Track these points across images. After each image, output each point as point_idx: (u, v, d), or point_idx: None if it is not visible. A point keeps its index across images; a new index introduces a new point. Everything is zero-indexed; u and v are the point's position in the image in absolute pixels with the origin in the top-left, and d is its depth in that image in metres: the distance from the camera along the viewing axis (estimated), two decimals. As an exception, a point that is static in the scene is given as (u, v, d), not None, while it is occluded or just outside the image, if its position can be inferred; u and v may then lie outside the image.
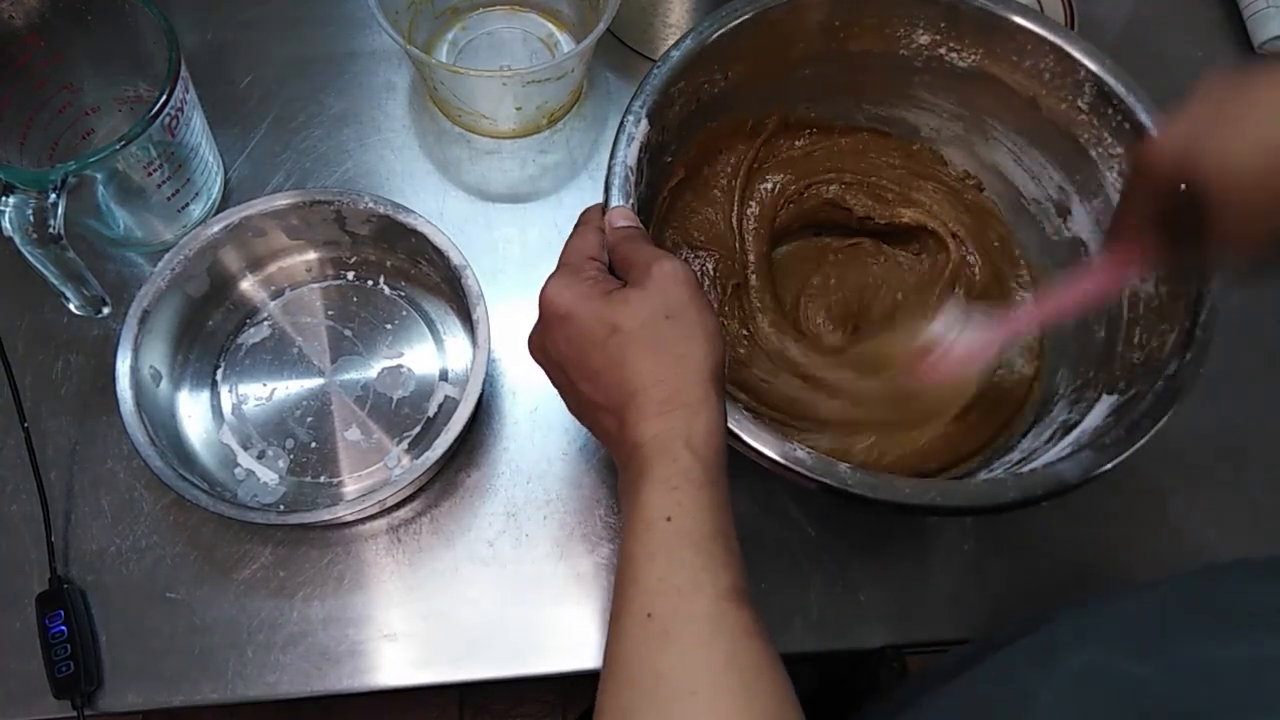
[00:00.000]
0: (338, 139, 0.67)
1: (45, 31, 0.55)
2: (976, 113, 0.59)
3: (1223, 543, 0.58)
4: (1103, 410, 0.49)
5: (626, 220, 0.45)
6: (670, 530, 0.35)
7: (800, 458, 0.43)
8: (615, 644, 0.35)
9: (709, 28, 0.52)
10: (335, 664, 0.53)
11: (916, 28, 0.56)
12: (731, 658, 0.33)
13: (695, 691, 0.32)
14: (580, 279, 0.41)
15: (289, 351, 0.59)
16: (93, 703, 0.52)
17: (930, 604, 0.56)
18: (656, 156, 0.53)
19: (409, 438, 0.58)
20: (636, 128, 0.50)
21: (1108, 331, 0.53)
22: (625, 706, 0.33)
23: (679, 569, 0.35)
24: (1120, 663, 0.32)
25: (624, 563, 0.36)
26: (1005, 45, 0.54)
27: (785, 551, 0.56)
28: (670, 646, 0.33)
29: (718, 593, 0.34)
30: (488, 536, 0.56)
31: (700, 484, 0.36)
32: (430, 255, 0.57)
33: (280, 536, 0.56)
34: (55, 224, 0.49)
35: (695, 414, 0.37)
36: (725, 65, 0.55)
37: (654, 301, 0.39)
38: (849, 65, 0.58)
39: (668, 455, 0.36)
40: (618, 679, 0.34)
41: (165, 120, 0.53)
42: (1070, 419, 0.50)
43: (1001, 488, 0.44)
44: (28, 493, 0.55)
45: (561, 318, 0.40)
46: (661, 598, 0.34)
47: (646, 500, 0.36)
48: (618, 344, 0.38)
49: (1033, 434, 0.53)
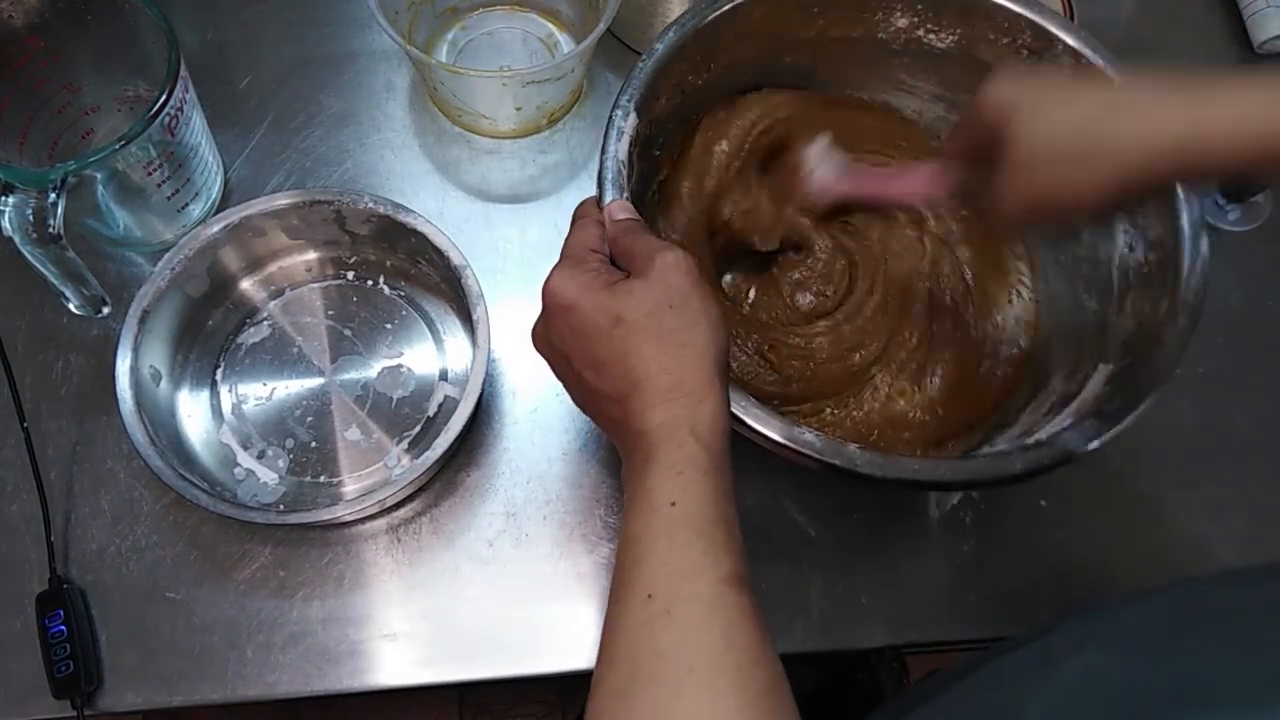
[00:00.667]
0: (338, 139, 0.67)
1: (45, 31, 0.55)
2: (956, 93, 0.59)
3: (1222, 543, 0.58)
4: (1100, 380, 0.49)
5: (625, 213, 0.46)
6: (674, 514, 0.35)
7: (808, 440, 0.43)
8: (615, 622, 0.35)
9: (690, 19, 0.53)
10: (335, 664, 0.53)
11: (894, 11, 0.56)
12: (729, 640, 0.33)
13: (693, 670, 0.32)
14: (583, 270, 0.41)
15: (289, 351, 0.59)
16: (92, 703, 0.52)
17: (930, 604, 0.56)
18: (646, 149, 0.53)
19: (409, 438, 0.58)
20: (625, 121, 0.50)
21: (1098, 303, 0.53)
22: (623, 682, 0.33)
23: (681, 552, 0.35)
24: (1116, 667, 0.32)
25: (626, 544, 0.36)
26: (983, 23, 0.55)
27: (786, 552, 0.56)
28: (671, 626, 0.33)
29: (719, 577, 0.34)
30: (488, 536, 0.56)
31: (705, 470, 0.36)
32: (430, 255, 0.57)
33: (280, 536, 0.56)
34: (55, 224, 0.49)
35: (700, 401, 0.37)
36: (709, 56, 0.55)
37: (657, 291, 0.39)
38: (829, 52, 0.59)
39: (673, 442, 0.37)
40: (616, 656, 0.34)
41: (165, 120, 0.53)
42: (1069, 390, 0.51)
43: (1008, 461, 0.44)
44: (28, 493, 0.55)
45: (565, 309, 0.40)
46: (663, 579, 0.34)
47: (651, 485, 0.36)
48: (622, 334, 0.38)
49: (1031, 408, 0.53)
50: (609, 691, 0.34)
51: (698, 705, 0.32)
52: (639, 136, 0.51)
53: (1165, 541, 0.58)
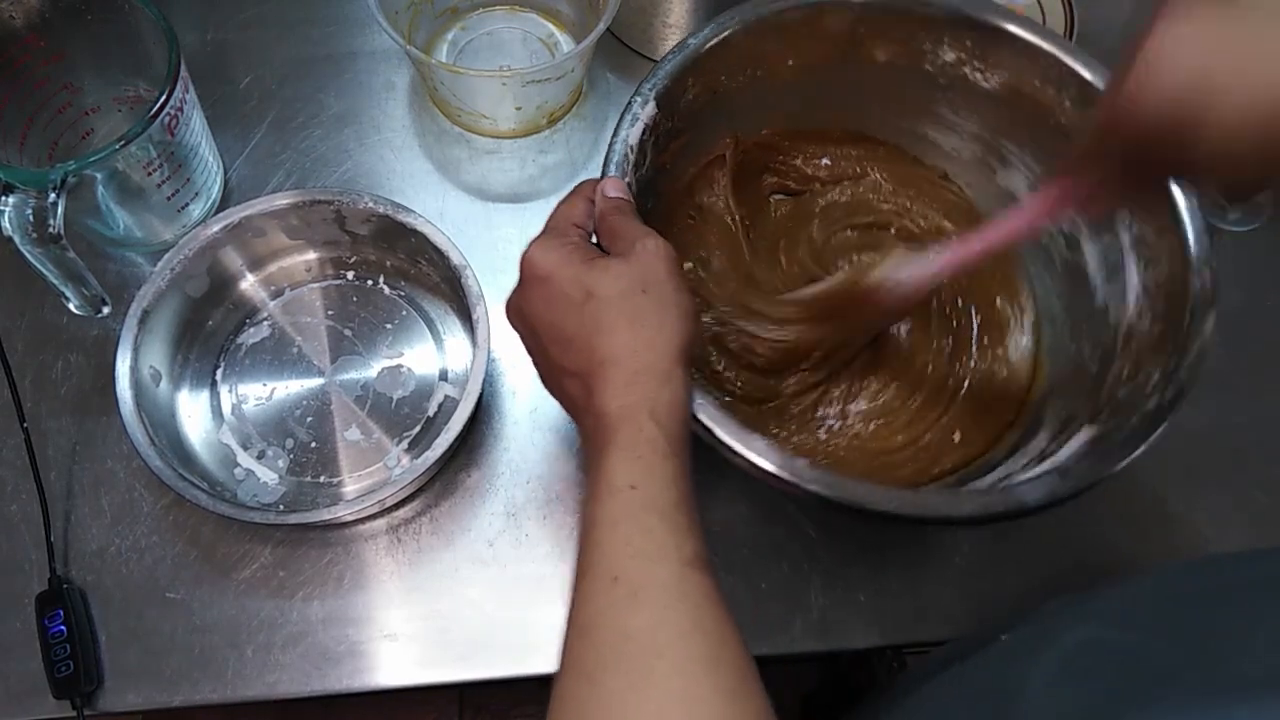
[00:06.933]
0: (338, 139, 0.67)
1: (45, 31, 0.55)
2: (997, 136, 0.58)
3: (1223, 543, 0.58)
4: (1081, 440, 0.48)
5: (618, 192, 0.46)
6: (635, 498, 0.36)
7: (762, 448, 0.43)
8: (580, 606, 0.35)
9: (729, 21, 0.52)
10: (335, 664, 0.53)
11: (941, 44, 0.55)
12: (697, 622, 0.34)
13: (663, 653, 0.32)
14: (563, 243, 0.41)
15: (289, 351, 0.59)
16: (92, 703, 0.52)
17: (930, 604, 0.56)
18: (665, 142, 0.53)
19: (409, 438, 0.58)
20: (643, 109, 0.50)
21: (1101, 365, 0.52)
22: (591, 665, 0.33)
23: (644, 535, 0.35)
24: (1111, 634, 0.32)
25: (587, 528, 0.37)
26: (1030, 69, 0.53)
27: (786, 552, 0.56)
28: (638, 609, 0.34)
29: (682, 559, 0.35)
30: (488, 536, 0.56)
31: (665, 455, 0.37)
32: (430, 255, 0.57)
33: (280, 536, 0.56)
34: (55, 224, 0.49)
35: (661, 387, 0.38)
36: (746, 62, 0.55)
37: (634, 273, 0.40)
38: (873, 76, 0.57)
39: (633, 425, 0.37)
40: (583, 639, 0.34)
41: (165, 120, 0.53)
42: (1049, 449, 0.49)
43: (958, 501, 0.43)
44: (28, 493, 0.55)
45: (541, 279, 0.41)
46: (628, 561, 0.35)
47: (611, 468, 0.36)
48: (593, 310, 0.39)
49: (1010, 461, 0.52)
50: (577, 674, 0.34)
51: (669, 687, 0.32)
52: (657, 126, 0.50)
53: (1166, 541, 0.58)
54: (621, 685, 0.32)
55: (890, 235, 0.61)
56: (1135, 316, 0.50)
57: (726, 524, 0.57)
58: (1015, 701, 0.32)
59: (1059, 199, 0.43)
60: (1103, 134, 0.38)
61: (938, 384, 0.56)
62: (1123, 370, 0.49)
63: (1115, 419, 0.47)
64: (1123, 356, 0.50)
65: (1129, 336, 0.50)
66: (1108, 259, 0.53)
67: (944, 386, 0.56)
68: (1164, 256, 0.49)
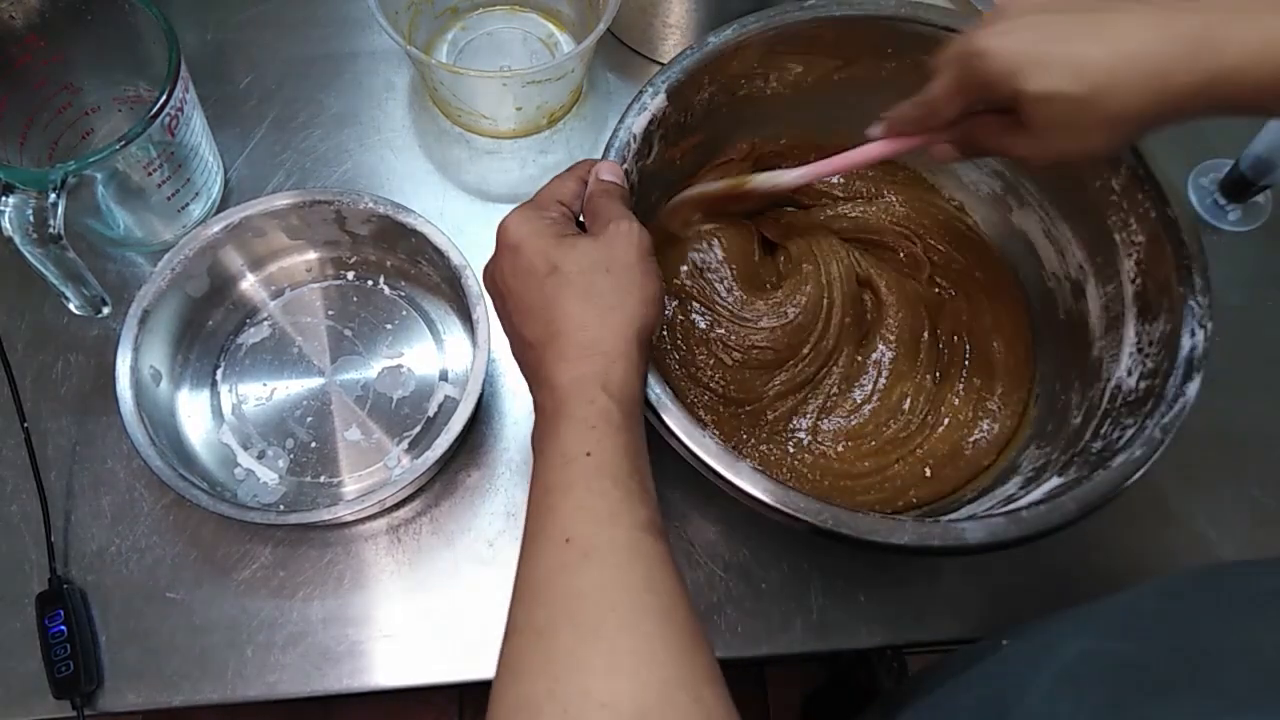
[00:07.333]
0: (338, 139, 0.67)
1: (45, 31, 0.55)
2: (1017, 174, 0.58)
3: (1223, 543, 0.58)
4: (1043, 490, 0.47)
5: (611, 175, 0.46)
6: (590, 464, 0.36)
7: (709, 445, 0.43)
8: (529, 566, 0.35)
9: (752, 24, 0.52)
10: (335, 664, 0.53)
11: None
12: (649, 582, 0.34)
13: (615, 608, 0.33)
14: (540, 216, 0.42)
15: (289, 351, 0.59)
16: (92, 703, 0.52)
17: (930, 604, 0.56)
18: (676, 138, 0.53)
19: (409, 438, 0.58)
20: (652, 99, 0.50)
21: (1084, 418, 0.51)
22: (541, 623, 0.33)
23: (598, 499, 0.35)
24: (1111, 644, 0.32)
25: (539, 494, 0.37)
26: None
27: (786, 552, 0.56)
28: (589, 568, 0.34)
29: (635, 523, 0.35)
30: (488, 536, 0.56)
31: (618, 426, 0.37)
32: (430, 255, 0.57)
33: (280, 536, 0.56)
34: (55, 224, 0.49)
35: (613, 362, 0.38)
36: (765, 68, 0.54)
37: (600, 253, 0.40)
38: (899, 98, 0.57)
39: (584, 397, 0.37)
40: (533, 598, 0.34)
41: (165, 120, 0.53)
42: (1015, 495, 0.49)
43: (898, 528, 0.42)
44: (28, 493, 0.55)
45: (512, 249, 0.41)
46: (581, 524, 0.35)
47: (566, 437, 0.37)
48: (554, 284, 0.40)
49: (976, 503, 0.52)
50: (528, 631, 0.34)
51: (620, 641, 0.32)
52: (666, 119, 0.50)
53: (1166, 542, 0.58)
54: (572, 640, 0.32)
55: (899, 258, 0.61)
56: (1125, 372, 0.50)
57: (726, 524, 0.57)
58: (1016, 711, 0.32)
59: (907, 140, 0.47)
60: (948, 67, 0.42)
61: (917, 416, 0.56)
62: (1103, 425, 0.49)
63: (1080, 472, 0.46)
64: (1106, 410, 0.50)
65: (1116, 390, 0.50)
66: (1109, 310, 0.53)
67: (923, 422, 0.56)
68: (1163, 313, 0.49)
